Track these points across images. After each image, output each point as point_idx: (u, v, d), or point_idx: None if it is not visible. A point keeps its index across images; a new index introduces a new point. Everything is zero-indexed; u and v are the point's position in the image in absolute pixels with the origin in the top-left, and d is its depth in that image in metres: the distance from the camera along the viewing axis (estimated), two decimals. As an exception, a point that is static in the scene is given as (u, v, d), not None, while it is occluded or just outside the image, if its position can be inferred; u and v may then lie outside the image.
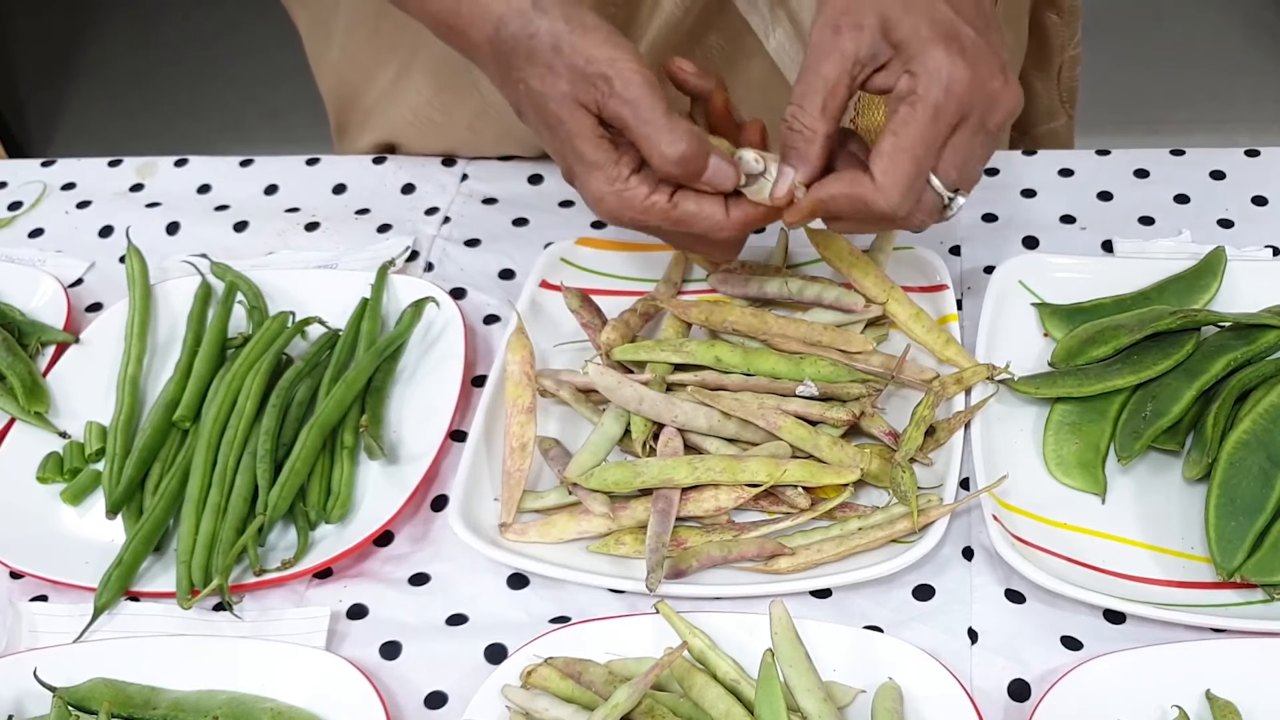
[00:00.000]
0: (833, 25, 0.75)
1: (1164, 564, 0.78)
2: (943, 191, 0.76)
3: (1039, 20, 1.17)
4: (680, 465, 0.81)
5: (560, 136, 0.78)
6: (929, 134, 0.73)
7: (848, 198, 0.76)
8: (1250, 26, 2.88)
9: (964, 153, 0.75)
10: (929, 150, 0.74)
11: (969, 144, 0.75)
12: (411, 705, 0.77)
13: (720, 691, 0.71)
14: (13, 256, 1.09)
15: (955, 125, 0.74)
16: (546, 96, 0.77)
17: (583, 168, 0.78)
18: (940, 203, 0.77)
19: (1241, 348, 0.84)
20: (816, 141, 0.76)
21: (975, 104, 0.74)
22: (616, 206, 0.79)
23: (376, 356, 0.93)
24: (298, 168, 1.17)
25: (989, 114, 0.75)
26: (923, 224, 0.78)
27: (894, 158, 0.74)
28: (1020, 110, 0.77)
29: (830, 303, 0.91)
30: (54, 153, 1.95)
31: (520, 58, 0.77)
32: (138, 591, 0.83)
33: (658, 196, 0.78)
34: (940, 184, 0.76)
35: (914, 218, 0.77)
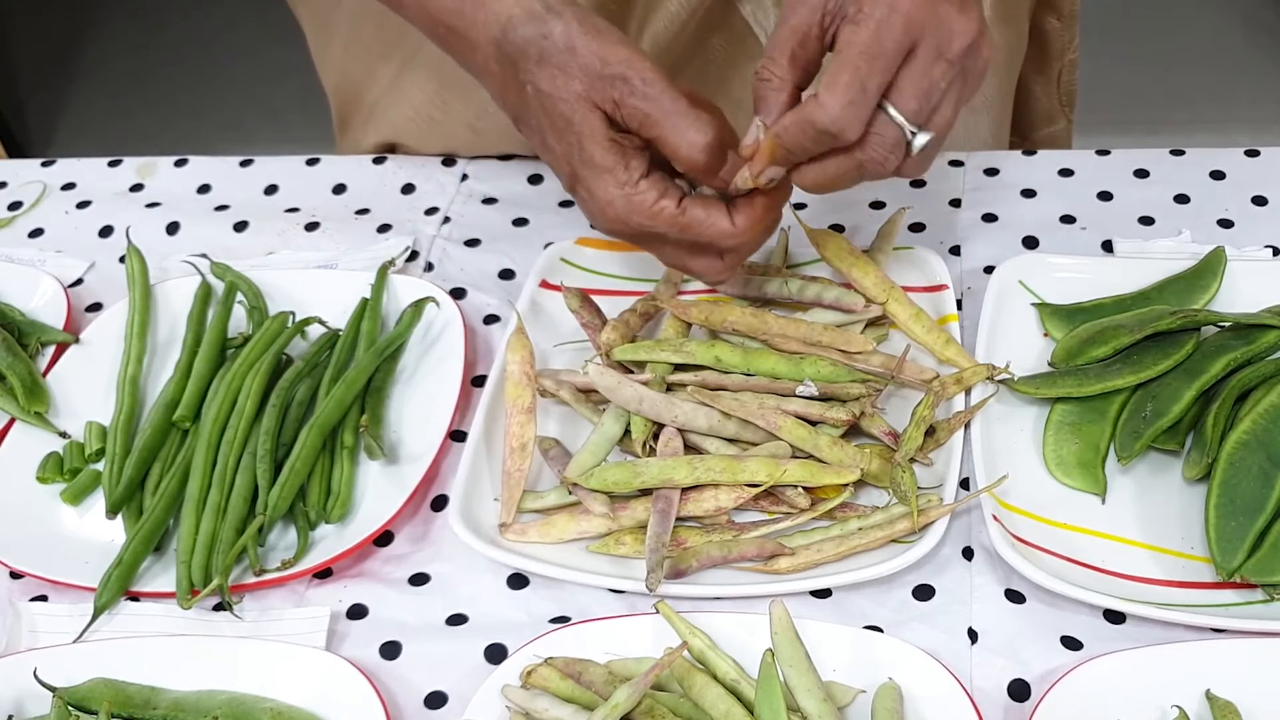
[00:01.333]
0: None
1: (1164, 564, 0.78)
2: (903, 123, 0.73)
3: (1039, 24, 1.17)
4: (680, 465, 0.81)
5: (568, 140, 0.78)
6: (871, 48, 0.71)
7: (797, 124, 0.73)
8: (1250, 26, 2.88)
9: (922, 82, 0.72)
10: (872, 66, 0.71)
11: (927, 72, 0.72)
12: (411, 705, 0.77)
13: (720, 691, 0.71)
14: (13, 256, 1.09)
15: (908, 50, 0.72)
16: (557, 98, 0.77)
17: (591, 172, 0.78)
18: (902, 137, 0.74)
19: (1241, 348, 0.84)
20: (785, 90, 0.76)
21: (926, 26, 0.72)
22: (624, 211, 0.78)
23: (376, 356, 0.93)
24: (298, 168, 1.17)
25: (945, 41, 0.72)
26: (884, 160, 0.74)
27: (835, 72, 0.71)
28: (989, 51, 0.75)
29: (830, 303, 0.91)
30: (54, 153, 1.95)
31: (530, 60, 0.77)
32: (138, 591, 0.83)
33: (667, 201, 0.78)
34: (900, 115, 0.73)
35: (871, 148, 0.74)
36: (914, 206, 1.04)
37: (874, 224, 0.98)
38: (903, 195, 1.06)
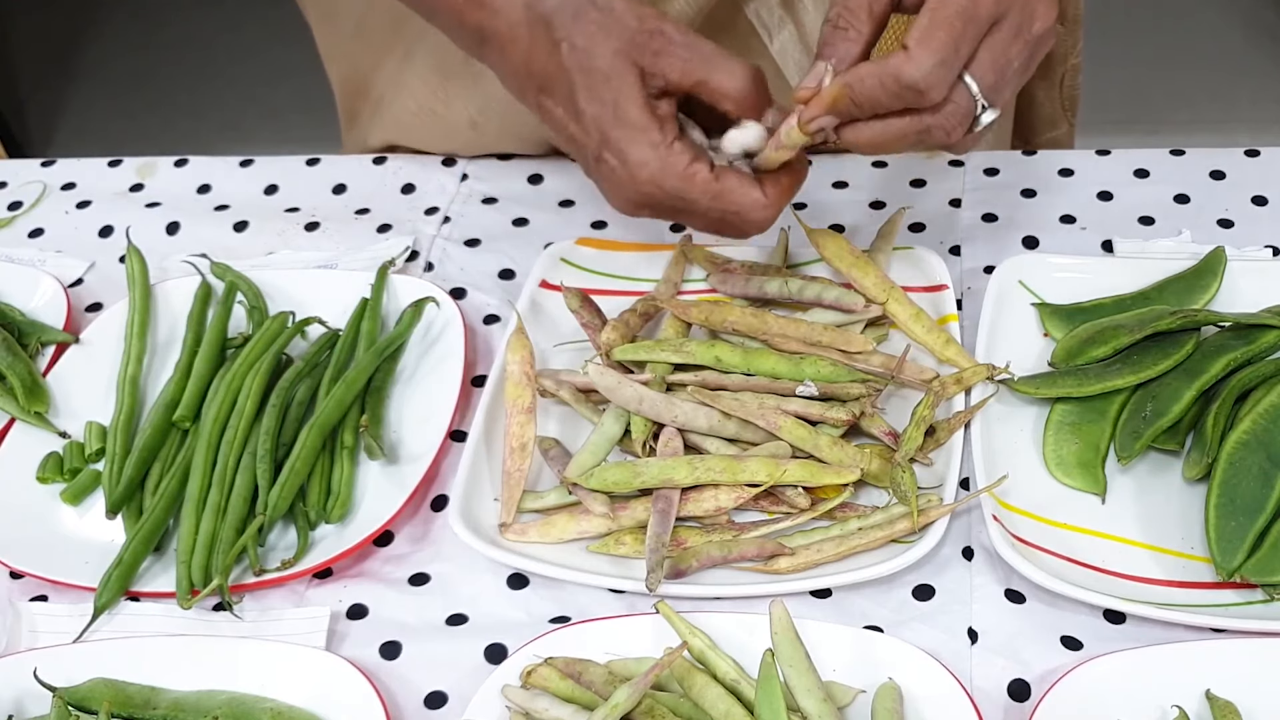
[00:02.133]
0: None
1: (1164, 564, 0.78)
2: (977, 93, 0.72)
3: None
4: (680, 465, 0.81)
5: (603, 99, 0.77)
6: (967, 10, 0.70)
7: (876, 76, 0.71)
8: (1250, 27, 2.88)
9: (1001, 55, 0.72)
10: (966, 29, 0.70)
11: (1007, 47, 0.72)
12: (411, 705, 0.77)
13: (720, 691, 0.71)
14: (13, 256, 1.09)
15: (994, 21, 0.71)
16: (595, 53, 0.76)
17: (625, 132, 0.77)
18: (972, 109, 0.73)
19: (1241, 348, 0.84)
20: (860, 42, 0.74)
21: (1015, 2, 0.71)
22: (659, 172, 0.77)
23: (376, 356, 0.93)
24: (298, 168, 1.17)
25: (1027, 18, 0.72)
26: (952, 129, 0.73)
27: (929, 29, 0.70)
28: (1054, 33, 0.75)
29: (830, 303, 0.91)
30: (54, 153, 1.95)
31: (566, 16, 0.77)
32: (138, 591, 0.83)
33: (700, 165, 0.77)
34: (976, 86, 0.72)
35: (945, 114, 0.72)
36: (914, 206, 1.04)
37: (874, 224, 0.98)
38: (903, 195, 1.06)
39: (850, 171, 1.08)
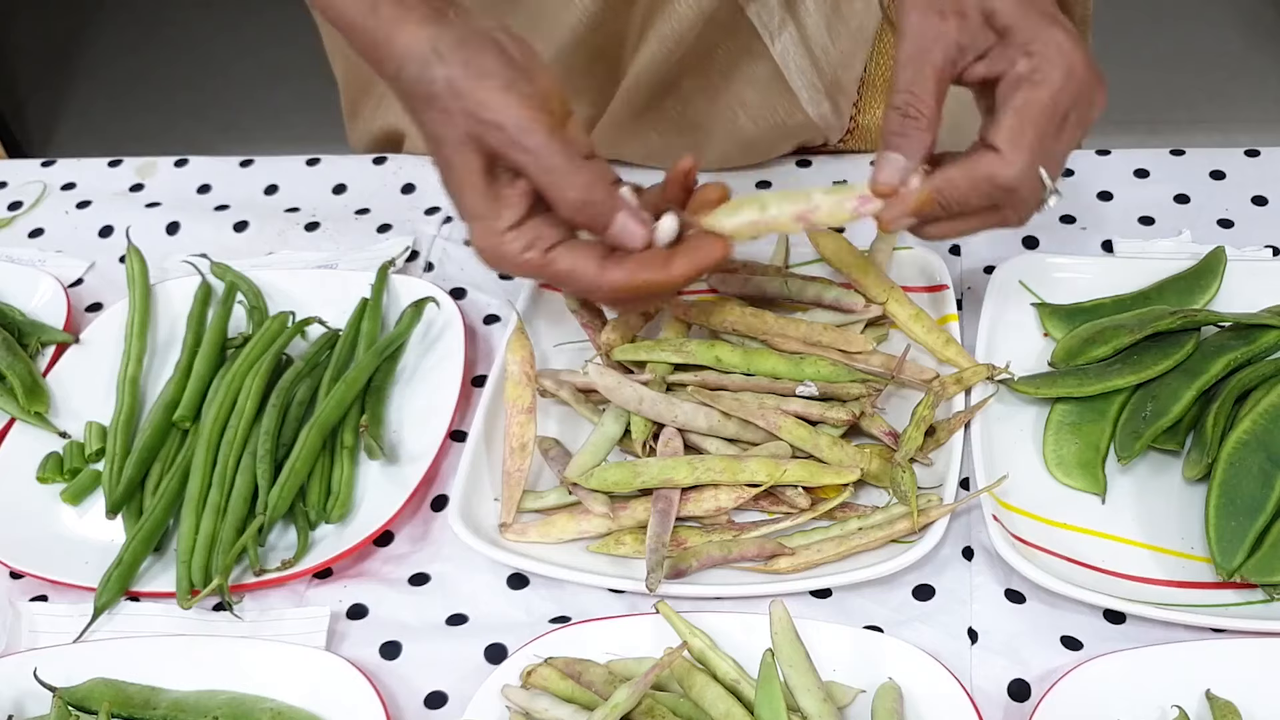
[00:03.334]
0: (937, 11, 0.72)
1: (1164, 564, 0.78)
2: (1048, 181, 0.73)
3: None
4: (680, 465, 0.81)
5: (450, 183, 0.77)
6: (1051, 109, 0.71)
7: (968, 179, 0.72)
8: (1250, 27, 2.88)
9: (1066, 145, 0.73)
10: (1050, 125, 0.71)
11: (1071, 137, 0.73)
12: (411, 705, 0.77)
13: (720, 691, 0.71)
14: (13, 256, 1.09)
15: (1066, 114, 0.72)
16: (442, 140, 0.75)
17: (465, 217, 0.77)
18: (1041, 194, 0.73)
19: (1241, 348, 0.84)
20: (931, 131, 0.73)
21: (1084, 93, 0.72)
22: (492, 259, 0.77)
23: (376, 356, 0.93)
24: (298, 168, 1.17)
25: (1087, 111, 0.73)
26: (1024, 217, 0.75)
27: (1020, 128, 0.70)
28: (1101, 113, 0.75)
29: (830, 303, 0.91)
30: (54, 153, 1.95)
31: (420, 100, 0.76)
32: (138, 591, 0.83)
33: (532, 254, 0.76)
34: (1046, 174, 0.73)
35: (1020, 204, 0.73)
36: (914, 206, 1.04)
37: (874, 224, 0.98)
38: (903, 195, 1.06)
39: (850, 172, 1.08)
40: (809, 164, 1.10)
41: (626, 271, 0.75)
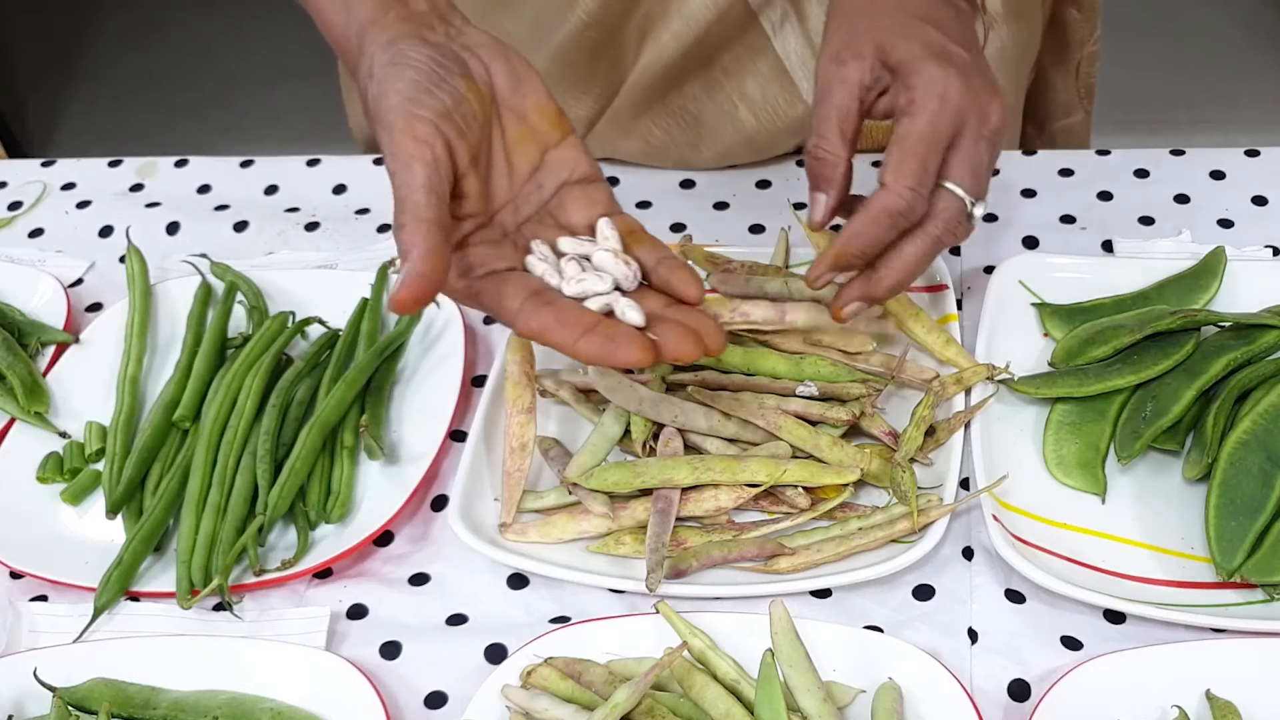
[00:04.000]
0: (836, 59, 0.78)
1: (1164, 564, 0.78)
2: (963, 195, 0.78)
3: (1059, 15, 1.17)
4: (680, 465, 0.81)
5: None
6: (929, 135, 0.76)
7: (866, 219, 0.77)
8: (1250, 27, 2.88)
9: (972, 159, 0.78)
10: (930, 150, 0.76)
11: (974, 151, 0.78)
12: (411, 705, 0.77)
13: (720, 691, 0.71)
14: (13, 256, 1.09)
15: (956, 131, 0.77)
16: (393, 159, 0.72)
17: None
18: (963, 209, 0.78)
19: (1241, 348, 0.84)
20: (840, 165, 0.79)
21: (970, 110, 0.77)
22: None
23: (376, 356, 0.93)
24: (298, 168, 1.17)
25: (982, 123, 0.77)
26: (955, 229, 0.79)
27: (900, 161, 0.76)
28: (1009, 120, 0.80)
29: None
30: (54, 153, 1.95)
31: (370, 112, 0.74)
32: (138, 591, 0.83)
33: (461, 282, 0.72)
34: (959, 189, 0.78)
35: (942, 220, 0.78)
36: (914, 206, 1.04)
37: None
38: (903, 195, 1.06)
39: (850, 171, 1.08)
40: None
41: (537, 325, 0.69)
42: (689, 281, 0.72)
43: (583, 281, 0.71)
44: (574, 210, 0.75)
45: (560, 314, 0.69)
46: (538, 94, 0.74)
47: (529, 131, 0.74)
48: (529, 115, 0.74)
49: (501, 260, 0.72)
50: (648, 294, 0.72)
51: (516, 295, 0.70)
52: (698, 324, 0.70)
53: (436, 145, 0.68)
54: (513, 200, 0.74)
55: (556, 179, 0.75)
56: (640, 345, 0.68)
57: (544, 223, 0.75)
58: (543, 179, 0.75)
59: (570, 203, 0.75)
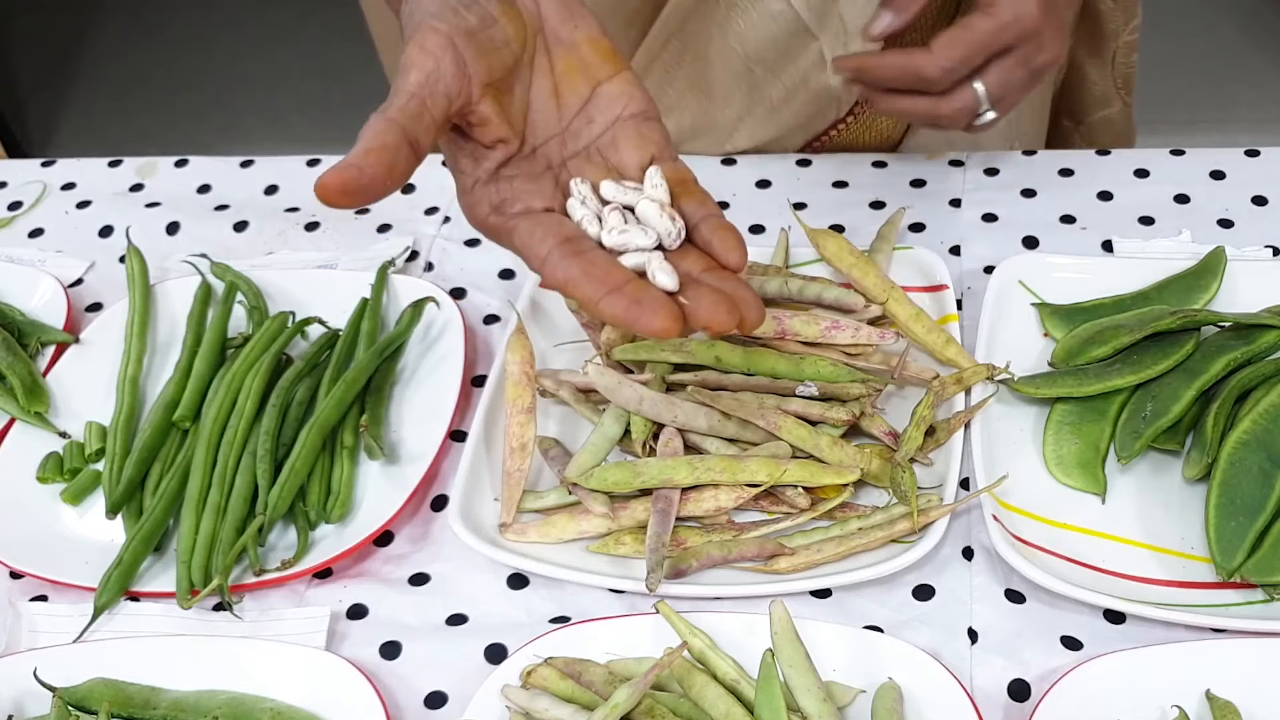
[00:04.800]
0: None
1: (1164, 564, 0.78)
2: (982, 95, 0.85)
3: (1092, 6, 1.16)
4: (680, 465, 0.81)
5: None
6: (987, 38, 0.83)
7: (897, 60, 0.84)
8: (1250, 26, 2.88)
9: (1007, 74, 0.85)
10: (982, 47, 0.83)
11: (1012, 69, 0.84)
12: (411, 705, 0.77)
13: (720, 691, 0.71)
14: (13, 256, 1.09)
15: (1009, 47, 0.83)
16: None
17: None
18: (975, 106, 0.85)
19: (1241, 348, 0.84)
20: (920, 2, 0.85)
21: (1030, 38, 0.83)
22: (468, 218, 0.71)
23: (376, 356, 0.93)
24: (298, 168, 1.17)
25: (1036, 52, 0.85)
26: (957, 117, 0.86)
27: (953, 41, 0.82)
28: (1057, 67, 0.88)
29: (830, 303, 0.90)
30: (54, 153, 1.95)
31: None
32: (138, 591, 0.83)
33: (495, 217, 0.69)
34: (982, 89, 0.84)
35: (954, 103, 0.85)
36: (914, 206, 1.04)
37: (874, 224, 0.98)
38: (903, 195, 1.06)
39: (850, 171, 1.08)
40: (809, 163, 1.10)
41: (563, 275, 0.65)
42: (732, 245, 0.67)
43: (625, 233, 0.66)
44: (625, 149, 0.71)
45: (589, 266, 0.65)
46: (590, 28, 0.71)
47: (579, 63, 0.70)
48: (580, 47, 0.70)
49: (539, 198, 0.69)
50: (689, 253, 0.68)
51: (547, 240, 0.66)
52: (735, 292, 0.65)
53: (444, 59, 0.64)
54: (560, 134, 0.71)
55: (608, 114, 0.71)
56: (667, 312, 0.63)
57: (592, 160, 0.71)
58: (593, 113, 0.71)
59: (622, 140, 0.71)
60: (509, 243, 0.69)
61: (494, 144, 0.68)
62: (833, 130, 1.10)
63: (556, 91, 0.71)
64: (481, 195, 0.69)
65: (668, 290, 0.65)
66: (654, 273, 0.65)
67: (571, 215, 0.68)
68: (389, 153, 0.63)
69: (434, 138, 0.66)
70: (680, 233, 0.68)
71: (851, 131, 1.10)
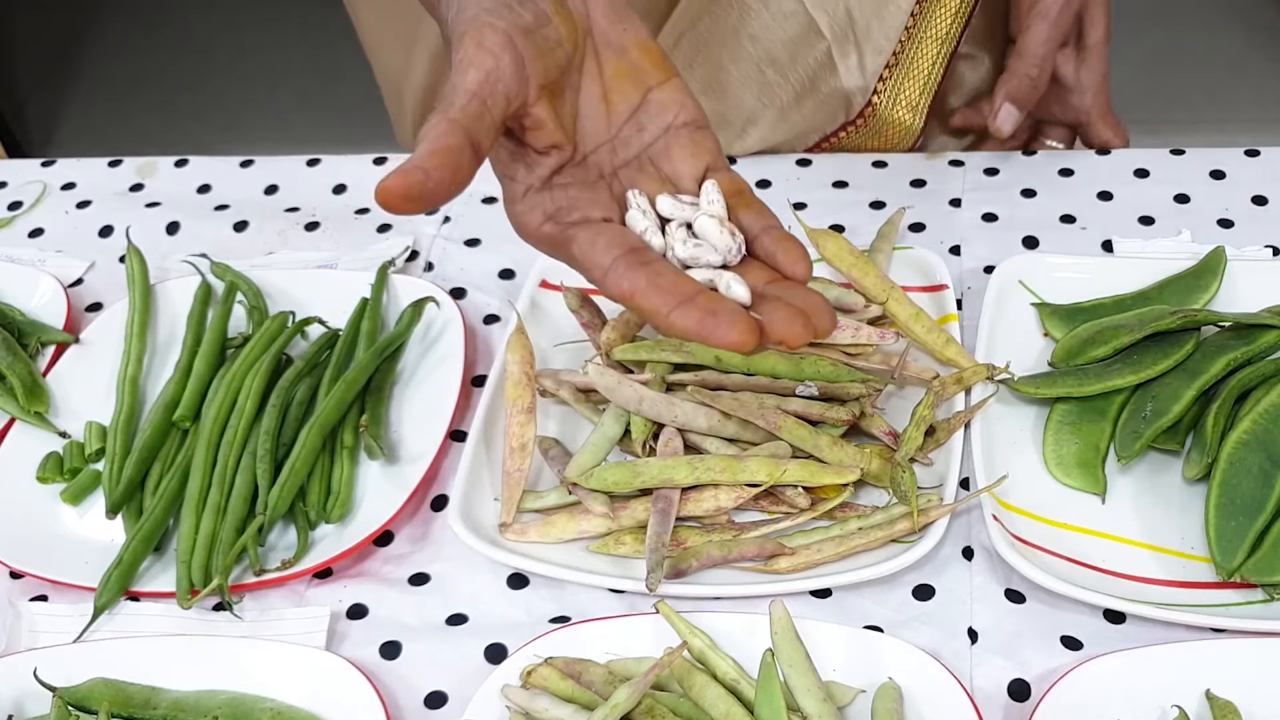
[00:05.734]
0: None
1: (1164, 564, 0.78)
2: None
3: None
4: (680, 465, 0.81)
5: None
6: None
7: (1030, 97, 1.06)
8: (1250, 26, 2.88)
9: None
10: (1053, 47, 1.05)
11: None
12: (411, 705, 0.77)
13: (720, 691, 0.71)
14: (13, 256, 1.09)
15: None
16: None
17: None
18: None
19: (1241, 348, 0.84)
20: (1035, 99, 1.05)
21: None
22: (515, 227, 0.68)
23: (376, 356, 0.93)
24: (298, 168, 1.17)
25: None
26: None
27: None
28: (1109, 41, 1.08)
29: (830, 303, 0.90)
30: (54, 153, 1.95)
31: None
32: (138, 591, 0.83)
33: (549, 227, 0.66)
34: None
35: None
36: (914, 206, 1.04)
37: (874, 224, 0.98)
38: (903, 195, 1.06)
39: (850, 171, 1.08)
40: (809, 163, 1.10)
41: (629, 286, 0.62)
42: (797, 257, 0.65)
43: (700, 246, 0.64)
44: (680, 159, 0.68)
45: (656, 277, 0.62)
46: (639, 31, 0.68)
47: (629, 68, 0.68)
48: (629, 51, 0.68)
49: (596, 208, 0.66)
50: (751, 266, 0.65)
51: (610, 250, 0.63)
52: (805, 303, 0.62)
53: (503, 58, 0.62)
54: (610, 141, 0.68)
55: (660, 122, 0.68)
56: (745, 325, 0.60)
57: (644, 170, 0.68)
58: (644, 120, 0.68)
59: (676, 149, 0.68)
60: (566, 253, 0.65)
61: (547, 150, 0.66)
62: (841, 133, 1.10)
63: (606, 97, 0.68)
64: (534, 203, 0.66)
65: (743, 303, 0.62)
66: (728, 284, 0.63)
67: (633, 227, 0.66)
68: (454, 155, 0.60)
69: (494, 140, 0.63)
70: (740, 248, 0.65)
71: (860, 134, 1.10)
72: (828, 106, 1.07)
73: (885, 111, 1.08)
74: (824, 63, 1.04)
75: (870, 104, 1.07)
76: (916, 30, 1.04)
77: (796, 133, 1.10)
